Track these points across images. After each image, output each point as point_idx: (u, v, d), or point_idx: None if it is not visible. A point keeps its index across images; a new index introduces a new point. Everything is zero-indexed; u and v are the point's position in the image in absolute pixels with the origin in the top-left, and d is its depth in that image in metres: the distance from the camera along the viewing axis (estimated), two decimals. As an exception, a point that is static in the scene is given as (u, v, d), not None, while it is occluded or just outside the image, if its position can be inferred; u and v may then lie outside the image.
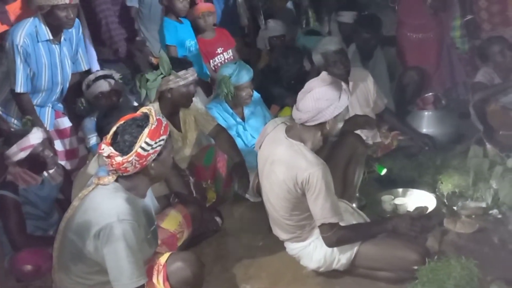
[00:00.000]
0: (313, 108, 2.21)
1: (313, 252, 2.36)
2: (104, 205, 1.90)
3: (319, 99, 2.20)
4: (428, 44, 4.13)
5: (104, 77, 3.25)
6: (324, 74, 2.30)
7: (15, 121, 3.02)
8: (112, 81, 3.25)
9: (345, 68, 3.26)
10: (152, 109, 1.96)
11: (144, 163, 1.91)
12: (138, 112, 1.97)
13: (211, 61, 4.03)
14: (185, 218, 2.54)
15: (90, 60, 3.49)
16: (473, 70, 3.92)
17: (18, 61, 2.84)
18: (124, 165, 1.88)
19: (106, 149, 1.89)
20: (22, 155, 2.63)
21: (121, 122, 1.93)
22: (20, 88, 2.88)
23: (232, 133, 3.31)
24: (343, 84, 2.27)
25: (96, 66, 3.58)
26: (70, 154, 3.25)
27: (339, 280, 2.41)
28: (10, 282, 2.68)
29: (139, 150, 1.87)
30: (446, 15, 4.09)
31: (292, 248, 2.43)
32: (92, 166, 2.58)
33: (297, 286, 2.45)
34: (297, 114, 2.26)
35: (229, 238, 2.90)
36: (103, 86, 3.21)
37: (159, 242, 2.26)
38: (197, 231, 2.65)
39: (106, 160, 1.91)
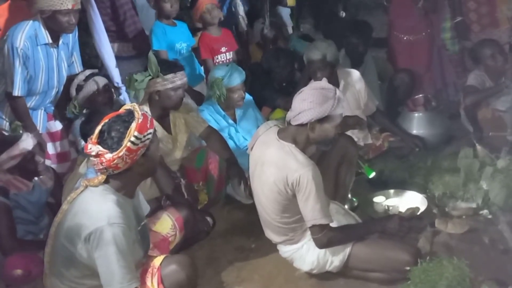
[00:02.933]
0: (296, 108, 2.25)
1: (306, 254, 2.36)
2: (94, 208, 1.89)
3: (304, 100, 2.24)
4: (419, 45, 4.16)
5: (93, 75, 3.20)
6: (323, 80, 2.34)
7: (7, 124, 2.98)
8: (104, 78, 3.21)
9: (323, 77, 3.21)
10: (136, 105, 1.97)
11: (135, 158, 1.91)
12: (121, 110, 1.97)
13: (214, 57, 4.03)
14: (177, 221, 2.53)
15: (107, 57, 3.41)
16: (463, 72, 3.96)
17: (17, 64, 2.80)
18: (115, 161, 1.87)
19: (94, 148, 1.88)
20: (13, 162, 2.59)
21: (106, 120, 1.93)
22: (17, 91, 2.84)
23: (224, 135, 3.31)
24: (337, 95, 2.25)
25: (113, 63, 3.46)
26: (61, 157, 3.23)
27: (331, 282, 2.41)
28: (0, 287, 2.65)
29: (129, 145, 1.87)
30: (436, 17, 4.12)
31: (285, 250, 2.43)
32: (82, 169, 2.56)
33: (289, 289, 2.45)
34: (288, 113, 2.31)
35: (221, 241, 2.89)
36: (99, 82, 3.15)
37: (151, 245, 2.25)
38: (189, 234, 2.64)
39: (95, 159, 1.89)
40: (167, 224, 2.49)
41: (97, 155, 1.88)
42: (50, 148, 3.16)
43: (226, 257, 2.74)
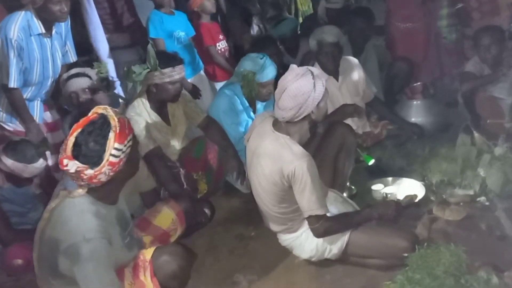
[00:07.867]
0: (293, 106, 2.19)
1: (304, 242, 2.38)
2: (71, 221, 1.79)
3: (296, 95, 2.17)
4: (416, 33, 4.15)
5: (78, 75, 3.11)
6: (291, 68, 2.26)
7: (4, 115, 2.98)
8: (87, 80, 3.09)
9: (335, 62, 3.29)
10: (109, 109, 1.81)
11: (118, 169, 1.79)
12: (93, 115, 1.80)
13: (216, 45, 4.04)
14: (178, 215, 2.51)
15: (101, 48, 3.43)
16: (460, 60, 3.95)
17: (12, 56, 2.79)
18: (98, 177, 1.76)
19: (71, 164, 1.74)
20: (15, 171, 2.66)
21: (78, 130, 1.77)
22: (13, 83, 2.83)
23: (241, 128, 3.23)
24: (315, 70, 2.24)
25: (106, 54, 3.48)
26: (58, 147, 3.22)
27: (330, 269, 2.44)
28: (0, 276, 2.67)
29: (111, 159, 1.75)
30: (433, 5, 4.11)
31: (284, 239, 2.45)
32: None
33: (289, 276, 2.46)
34: (279, 113, 2.24)
35: (221, 229, 2.90)
36: (74, 85, 3.07)
37: (151, 239, 2.24)
38: (188, 223, 2.65)
39: (73, 175, 1.76)
40: (168, 218, 2.47)
41: (76, 172, 1.74)
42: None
43: (226, 245, 2.76)
